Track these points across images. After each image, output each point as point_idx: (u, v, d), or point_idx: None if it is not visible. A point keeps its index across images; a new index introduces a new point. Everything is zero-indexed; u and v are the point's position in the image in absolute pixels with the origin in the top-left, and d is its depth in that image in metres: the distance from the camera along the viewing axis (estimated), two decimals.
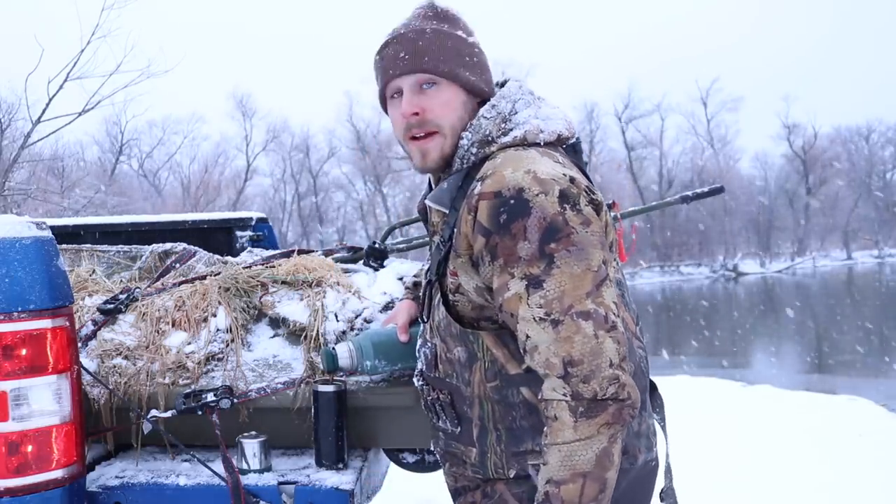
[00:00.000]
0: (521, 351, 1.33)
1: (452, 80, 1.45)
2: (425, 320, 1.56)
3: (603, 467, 1.26)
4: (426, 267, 1.57)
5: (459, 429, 1.51)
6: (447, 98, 1.45)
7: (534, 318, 1.28)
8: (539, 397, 1.31)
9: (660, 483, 1.57)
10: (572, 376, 1.25)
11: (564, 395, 1.26)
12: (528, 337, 1.30)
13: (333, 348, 1.82)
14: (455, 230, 1.41)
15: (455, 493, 1.61)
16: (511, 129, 1.43)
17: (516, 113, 1.45)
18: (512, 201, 1.30)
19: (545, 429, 1.30)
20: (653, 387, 1.62)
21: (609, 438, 1.26)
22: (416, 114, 1.45)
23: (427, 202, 1.51)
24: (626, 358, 1.28)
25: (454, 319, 1.46)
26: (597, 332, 1.26)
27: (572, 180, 1.34)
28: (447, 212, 1.46)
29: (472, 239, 1.36)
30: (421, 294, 1.59)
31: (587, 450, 1.25)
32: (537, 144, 1.42)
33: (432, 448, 1.65)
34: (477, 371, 1.44)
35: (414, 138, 1.47)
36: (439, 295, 1.49)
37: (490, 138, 1.43)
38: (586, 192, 1.35)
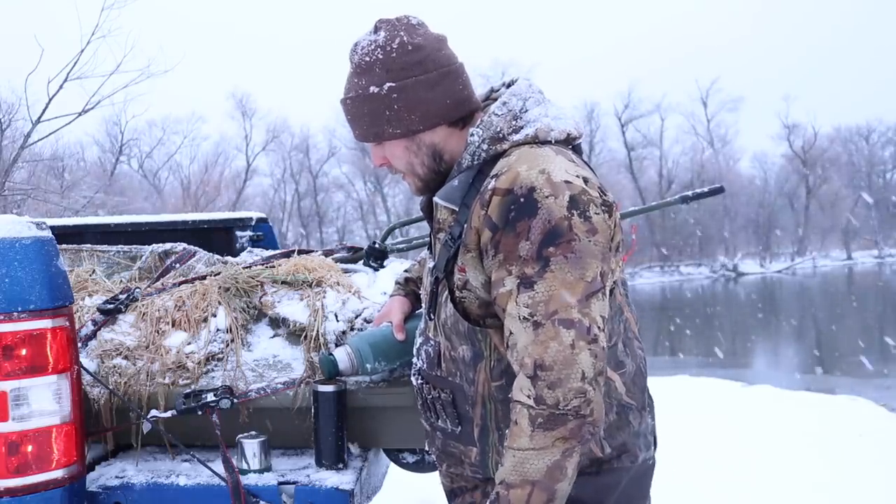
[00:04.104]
0: (504, 345, 1.35)
1: (381, 141, 1.51)
2: (431, 318, 1.56)
3: (553, 478, 1.26)
4: (430, 264, 1.57)
5: (460, 428, 1.50)
6: (390, 151, 1.53)
7: (519, 317, 1.30)
8: (509, 396, 1.32)
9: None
10: (539, 379, 1.26)
11: (528, 396, 1.27)
12: (511, 333, 1.32)
13: (331, 354, 1.82)
14: (466, 226, 1.42)
15: (451, 493, 1.61)
16: (522, 127, 1.44)
17: (527, 111, 1.46)
18: (522, 199, 1.31)
19: (507, 430, 1.31)
20: None
21: (563, 452, 1.26)
22: (382, 164, 1.56)
23: (436, 199, 1.51)
24: (602, 374, 1.28)
25: (461, 316, 1.46)
26: (575, 343, 1.26)
27: (586, 181, 1.35)
28: (457, 209, 1.46)
29: (481, 232, 1.37)
30: (426, 290, 1.59)
31: (539, 460, 1.26)
32: (548, 143, 1.43)
33: (427, 448, 1.65)
34: (482, 370, 1.44)
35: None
36: (446, 292, 1.49)
37: (501, 135, 1.44)
38: (600, 193, 1.36)
